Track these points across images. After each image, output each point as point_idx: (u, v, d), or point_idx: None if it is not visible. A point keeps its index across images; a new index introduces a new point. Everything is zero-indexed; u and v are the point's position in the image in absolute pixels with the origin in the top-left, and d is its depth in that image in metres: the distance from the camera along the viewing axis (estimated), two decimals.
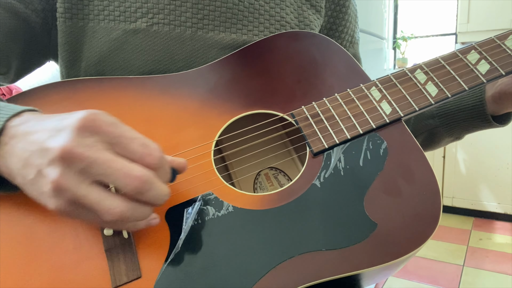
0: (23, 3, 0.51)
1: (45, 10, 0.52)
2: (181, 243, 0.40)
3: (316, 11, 0.59)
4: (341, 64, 0.50)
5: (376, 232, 0.39)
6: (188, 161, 0.44)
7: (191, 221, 0.41)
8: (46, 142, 0.33)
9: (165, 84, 0.49)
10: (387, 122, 0.45)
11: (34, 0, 0.52)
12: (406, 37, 3.05)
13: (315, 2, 0.59)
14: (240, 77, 0.50)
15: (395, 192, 0.41)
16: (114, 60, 0.52)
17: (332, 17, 0.62)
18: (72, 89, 0.48)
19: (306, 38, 0.53)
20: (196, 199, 0.42)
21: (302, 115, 0.47)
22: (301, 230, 0.40)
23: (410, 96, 0.46)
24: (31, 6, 0.52)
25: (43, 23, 0.53)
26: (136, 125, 0.46)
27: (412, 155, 0.43)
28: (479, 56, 0.47)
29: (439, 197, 0.40)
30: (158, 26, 0.51)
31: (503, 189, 2.52)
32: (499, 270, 2.00)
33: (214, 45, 0.52)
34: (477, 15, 2.52)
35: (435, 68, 0.47)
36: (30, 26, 0.52)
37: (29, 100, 0.47)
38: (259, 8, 0.55)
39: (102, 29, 0.52)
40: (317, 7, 0.59)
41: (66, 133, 0.32)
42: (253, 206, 0.42)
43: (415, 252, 0.38)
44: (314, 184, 0.42)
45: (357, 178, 0.42)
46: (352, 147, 0.44)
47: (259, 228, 0.40)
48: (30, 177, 0.34)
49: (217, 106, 0.48)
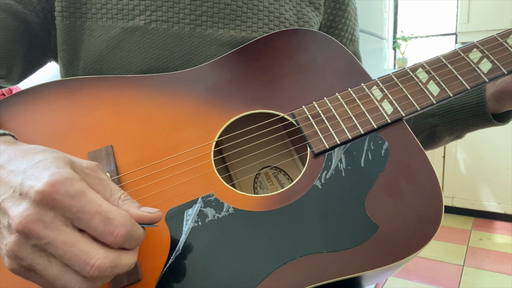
0: (21, 3, 0.51)
1: (44, 9, 0.52)
2: (182, 246, 0.39)
3: (315, 8, 0.59)
4: (342, 62, 0.50)
5: (377, 233, 0.39)
6: (187, 162, 0.44)
7: (192, 223, 0.40)
8: (7, 203, 0.30)
9: (164, 83, 0.49)
10: (388, 122, 0.44)
11: (33, 0, 0.51)
12: (406, 37, 3.05)
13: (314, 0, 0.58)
14: (240, 76, 0.50)
15: (396, 193, 0.41)
16: (113, 58, 0.51)
17: (331, 15, 0.61)
18: (70, 88, 0.47)
19: (306, 36, 0.52)
20: (197, 201, 0.42)
21: (302, 115, 0.46)
22: (302, 232, 0.39)
23: (411, 96, 0.45)
24: (30, 6, 0.51)
25: (43, 23, 0.53)
26: (134, 126, 0.46)
27: (414, 156, 0.42)
28: (481, 55, 0.47)
29: (440, 198, 0.40)
30: (156, 24, 0.51)
31: (503, 189, 2.53)
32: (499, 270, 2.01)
33: (213, 42, 0.52)
34: (477, 15, 2.52)
35: (437, 67, 0.47)
36: (30, 27, 0.52)
37: (27, 100, 0.46)
38: (258, 4, 0.54)
39: (100, 28, 0.51)
40: (316, 4, 0.59)
41: (26, 204, 0.29)
42: (254, 207, 0.41)
43: (417, 254, 0.38)
44: (315, 185, 0.42)
45: (358, 179, 0.42)
46: (353, 148, 0.44)
47: (260, 230, 0.40)
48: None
49: (216, 106, 0.48)
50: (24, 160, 0.32)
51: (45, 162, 0.31)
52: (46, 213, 0.29)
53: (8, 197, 0.30)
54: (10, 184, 0.31)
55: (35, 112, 0.46)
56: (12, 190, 0.30)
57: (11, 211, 0.29)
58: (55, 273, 0.30)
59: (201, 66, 0.50)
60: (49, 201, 0.29)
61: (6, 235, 0.30)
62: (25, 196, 0.29)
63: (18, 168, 0.31)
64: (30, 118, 0.46)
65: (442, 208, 0.40)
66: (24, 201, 0.29)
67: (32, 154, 0.33)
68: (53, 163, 0.31)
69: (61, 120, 0.46)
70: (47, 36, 0.54)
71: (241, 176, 0.55)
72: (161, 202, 0.42)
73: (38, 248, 0.29)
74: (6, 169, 0.32)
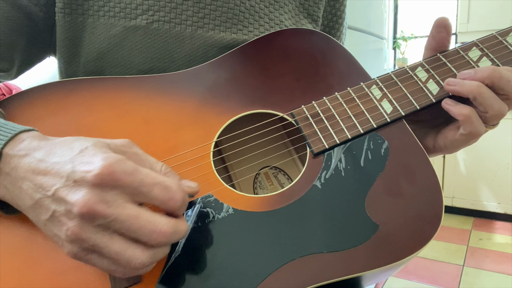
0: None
1: (48, 4, 0.52)
2: (181, 247, 0.39)
3: (313, 20, 0.60)
4: (341, 62, 0.50)
5: (377, 233, 0.38)
6: (187, 163, 0.44)
7: (191, 224, 0.40)
8: (62, 192, 0.31)
9: (162, 84, 0.49)
10: (388, 121, 0.44)
11: None
12: (406, 37, 3.06)
13: (313, 12, 0.60)
14: (239, 75, 0.50)
15: (396, 192, 0.40)
16: (113, 57, 0.51)
17: (327, 27, 0.63)
18: (70, 89, 0.47)
19: (305, 35, 0.52)
20: (196, 202, 0.42)
21: (302, 114, 0.46)
22: (302, 232, 0.39)
23: (411, 95, 0.45)
24: (34, 0, 0.51)
25: (46, 18, 0.52)
26: (134, 127, 0.46)
27: (414, 155, 0.42)
28: (480, 53, 0.46)
29: (441, 198, 0.40)
30: (158, 24, 0.51)
31: (503, 189, 2.53)
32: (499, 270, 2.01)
33: (214, 44, 0.52)
34: (477, 15, 2.52)
35: (436, 65, 0.47)
36: (33, 21, 0.52)
37: (27, 101, 0.46)
38: (259, 11, 0.55)
39: (102, 25, 0.51)
40: (314, 16, 0.60)
41: (84, 188, 0.31)
42: (253, 208, 0.41)
43: (417, 253, 0.38)
44: (315, 185, 0.42)
45: (358, 178, 0.42)
46: (352, 147, 0.44)
47: (260, 230, 0.40)
48: (44, 218, 0.33)
49: (215, 106, 0.48)
50: (64, 151, 0.33)
51: (88, 150, 0.33)
52: (108, 193, 0.31)
53: (61, 186, 0.31)
54: (60, 174, 0.32)
55: (34, 114, 0.46)
56: (64, 179, 0.31)
57: (69, 197, 0.31)
58: (118, 249, 0.31)
59: (200, 66, 0.50)
60: (109, 182, 0.31)
61: (66, 221, 0.31)
62: (81, 181, 0.31)
63: (62, 159, 0.33)
64: (30, 120, 0.45)
65: (443, 208, 0.39)
66: (82, 187, 0.31)
67: (68, 144, 0.34)
68: (96, 149, 0.33)
69: (61, 122, 0.46)
70: (49, 31, 0.54)
71: (240, 176, 0.55)
72: None
73: (101, 227, 0.31)
74: (49, 162, 0.33)
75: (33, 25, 0.52)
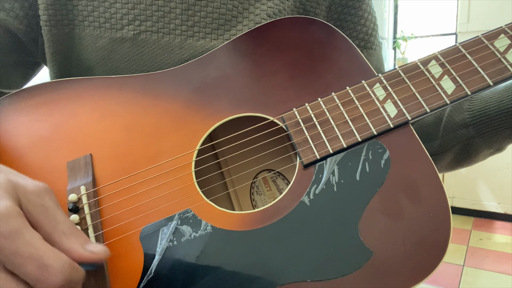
0: (3, 11, 0.50)
1: (28, 16, 0.51)
2: (154, 268, 0.36)
3: None
4: (342, 56, 0.44)
5: (371, 261, 0.33)
6: (166, 174, 0.41)
7: (166, 243, 0.37)
8: None
9: (147, 84, 0.45)
10: (391, 127, 0.38)
11: (15, 7, 0.50)
12: (406, 37, 3.05)
13: None
14: (228, 73, 0.45)
15: (396, 213, 0.35)
16: (103, 69, 0.50)
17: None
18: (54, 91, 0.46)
19: (304, 24, 0.46)
20: (173, 218, 0.38)
21: (293, 119, 0.41)
22: (285, 256, 0.35)
23: (420, 95, 0.38)
24: (12, 13, 0.50)
25: (28, 30, 0.51)
26: (116, 132, 0.43)
27: (420, 168, 0.36)
28: (509, 42, 0.38)
29: (448, 221, 0.34)
30: (146, 34, 0.48)
31: (503, 189, 2.55)
32: (499, 270, 2.01)
33: (204, 54, 0.48)
34: (477, 15, 2.52)
35: (454, 58, 0.39)
36: (15, 35, 0.51)
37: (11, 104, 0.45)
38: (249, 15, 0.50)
39: (88, 36, 0.49)
40: None
41: None
42: (233, 226, 0.37)
43: (416, 287, 0.32)
44: (302, 201, 0.37)
45: (352, 195, 0.36)
46: (348, 158, 0.38)
47: (238, 252, 0.36)
48: None
49: (201, 109, 0.43)
50: None
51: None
52: None
53: None
54: None
55: (19, 118, 0.45)
56: None
57: None
58: None
59: (188, 64, 0.46)
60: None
61: None
62: None
63: None
64: (14, 124, 0.44)
65: (450, 233, 0.33)
66: None
67: None
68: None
69: (44, 126, 0.44)
70: (33, 44, 0.52)
71: (237, 180, 0.51)
72: (137, 218, 0.39)
73: None
74: None
75: (16, 39, 0.51)
